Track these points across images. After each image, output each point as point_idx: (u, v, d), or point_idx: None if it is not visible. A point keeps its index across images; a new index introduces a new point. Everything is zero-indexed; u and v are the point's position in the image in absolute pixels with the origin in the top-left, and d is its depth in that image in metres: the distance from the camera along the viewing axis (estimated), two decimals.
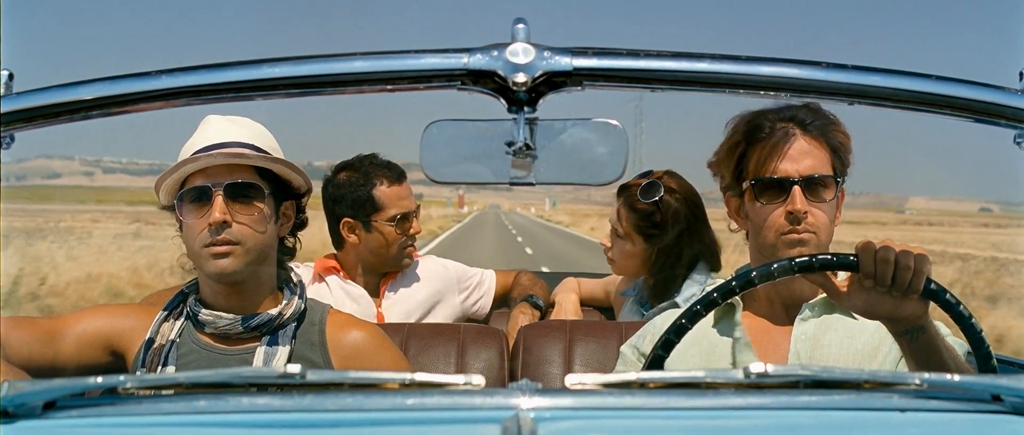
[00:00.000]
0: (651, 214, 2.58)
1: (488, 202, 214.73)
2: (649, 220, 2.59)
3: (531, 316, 2.75)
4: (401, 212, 2.68)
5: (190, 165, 1.72)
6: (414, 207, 2.75)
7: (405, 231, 2.71)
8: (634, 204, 2.60)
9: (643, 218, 2.59)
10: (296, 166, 1.80)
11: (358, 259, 2.75)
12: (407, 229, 2.71)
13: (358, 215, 2.68)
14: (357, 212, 2.68)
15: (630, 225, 2.62)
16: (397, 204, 2.69)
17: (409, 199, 2.73)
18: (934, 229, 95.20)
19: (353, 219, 2.69)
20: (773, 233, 1.69)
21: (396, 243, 2.71)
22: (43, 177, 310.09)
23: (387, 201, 2.68)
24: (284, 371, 1.01)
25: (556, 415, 0.99)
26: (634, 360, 1.88)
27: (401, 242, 2.71)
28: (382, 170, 2.70)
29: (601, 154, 1.13)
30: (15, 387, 1.00)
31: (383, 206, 2.67)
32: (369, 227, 2.68)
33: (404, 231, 2.71)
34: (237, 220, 1.70)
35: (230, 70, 1.07)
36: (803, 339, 1.71)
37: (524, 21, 1.06)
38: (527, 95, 1.04)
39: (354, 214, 2.68)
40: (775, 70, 1.06)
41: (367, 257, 2.73)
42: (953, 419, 1.04)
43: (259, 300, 1.78)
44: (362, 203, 2.67)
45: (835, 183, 1.71)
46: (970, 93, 1.10)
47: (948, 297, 1.40)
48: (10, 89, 1.13)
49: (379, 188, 2.67)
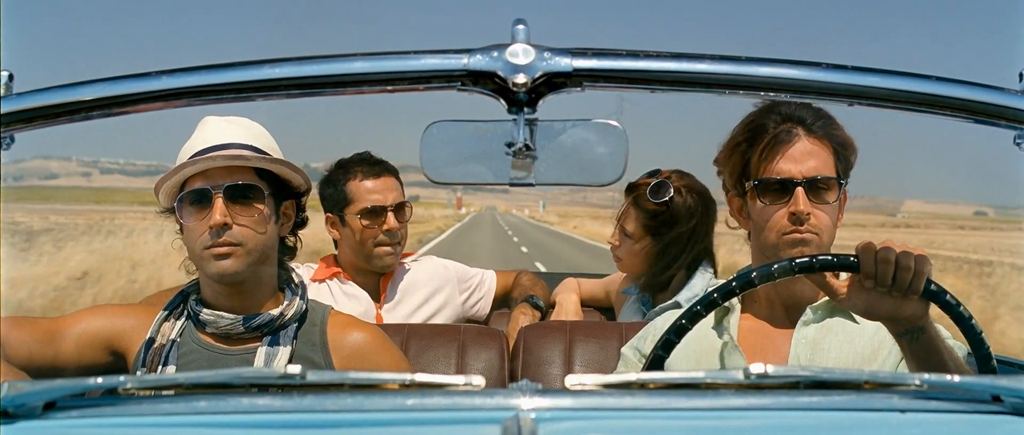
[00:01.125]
0: (660, 213, 2.58)
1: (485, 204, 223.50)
2: (658, 219, 2.58)
3: (531, 316, 2.75)
4: (370, 205, 2.61)
5: (189, 168, 1.72)
6: (391, 203, 2.64)
7: (376, 225, 2.62)
8: (643, 203, 2.60)
9: (652, 217, 2.59)
10: (295, 165, 1.80)
11: (346, 258, 2.74)
12: (379, 223, 2.62)
13: (335, 210, 2.68)
14: (334, 207, 2.68)
15: (639, 224, 2.62)
16: (367, 197, 2.63)
17: (384, 193, 2.64)
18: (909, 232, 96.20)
19: (333, 214, 2.69)
20: (775, 234, 1.68)
21: (368, 239, 2.64)
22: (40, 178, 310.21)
23: (357, 194, 2.64)
24: (284, 371, 1.01)
25: (556, 415, 0.99)
26: (635, 361, 1.88)
27: (373, 238, 2.64)
28: (361, 165, 2.67)
29: (601, 155, 1.13)
30: (15, 387, 1.00)
31: (353, 200, 2.64)
32: (344, 222, 2.67)
33: (374, 225, 2.62)
34: (237, 221, 1.70)
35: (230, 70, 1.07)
36: (803, 343, 1.70)
37: (524, 22, 1.06)
38: (527, 96, 1.04)
39: (333, 209, 2.69)
40: (775, 71, 1.06)
41: (349, 255, 2.72)
42: (953, 419, 1.04)
43: (260, 300, 1.78)
44: (338, 198, 2.66)
45: (838, 185, 1.70)
46: (970, 94, 1.10)
47: (948, 298, 1.41)
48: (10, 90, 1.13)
49: (352, 182, 2.65)
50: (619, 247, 2.71)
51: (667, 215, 2.57)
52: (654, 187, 2.57)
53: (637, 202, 2.62)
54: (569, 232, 58.46)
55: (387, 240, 2.65)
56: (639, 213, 2.61)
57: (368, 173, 2.66)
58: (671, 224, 2.58)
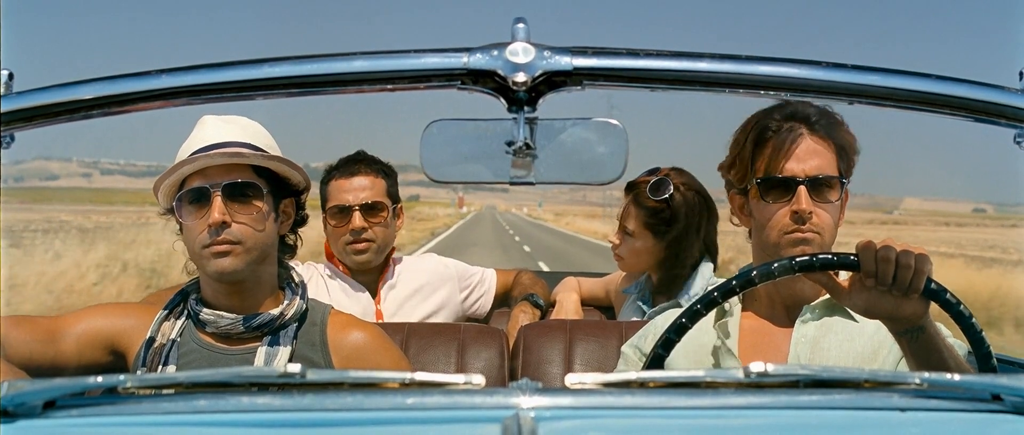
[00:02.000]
0: (660, 211, 2.58)
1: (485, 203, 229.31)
2: (658, 217, 2.59)
3: (531, 315, 2.75)
4: (337, 204, 2.64)
5: (188, 166, 1.72)
6: (358, 202, 2.63)
7: (343, 224, 2.64)
8: (643, 201, 2.60)
9: (652, 215, 2.59)
10: (294, 163, 1.80)
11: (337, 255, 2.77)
12: (344, 223, 2.63)
13: (322, 208, 2.72)
14: (322, 205, 2.72)
15: (639, 222, 2.62)
16: (337, 196, 2.66)
17: (354, 193, 2.64)
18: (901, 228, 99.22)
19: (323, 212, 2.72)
20: (777, 232, 1.68)
21: (338, 238, 2.66)
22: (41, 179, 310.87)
23: (330, 193, 2.69)
24: (284, 371, 1.01)
25: (556, 415, 0.99)
26: (635, 360, 1.88)
27: (342, 237, 2.65)
28: (343, 164, 2.71)
29: (601, 154, 1.13)
30: (15, 387, 1.00)
31: (327, 198, 2.69)
32: (324, 220, 2.73)
33: (341, 223, 2.64)
34: (237, 220, 1.70)
35: (230, 70, 1.07)
36: (803, 342, 1.70)
37: (524, 21, 1.06)
38: (527, 95, 1.04)
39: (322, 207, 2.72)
40: (775, 70, 1.06)
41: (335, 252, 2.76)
42: (953, 419, 1.04)
43: (260, 299, 1.78)
44: (321, 196, 2.71)
45: (840, 184, 1.70)
46: (970, 93, 1.10)
47: (948, 297, 1.40)
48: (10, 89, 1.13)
49: (332, 181, 2.70)
50: (620, 246, 2.71)
51: (668, 213, 2.58)
52: (654, 185, 2.58)
53: (638, 200, 2.62)
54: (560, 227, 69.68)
55: (351, 239, 2.65)
56: (640, 211, 2.62)
57: (343, 172, 2.69)
58: (672, 222, 2.58)
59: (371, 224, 2.65)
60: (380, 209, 2.67)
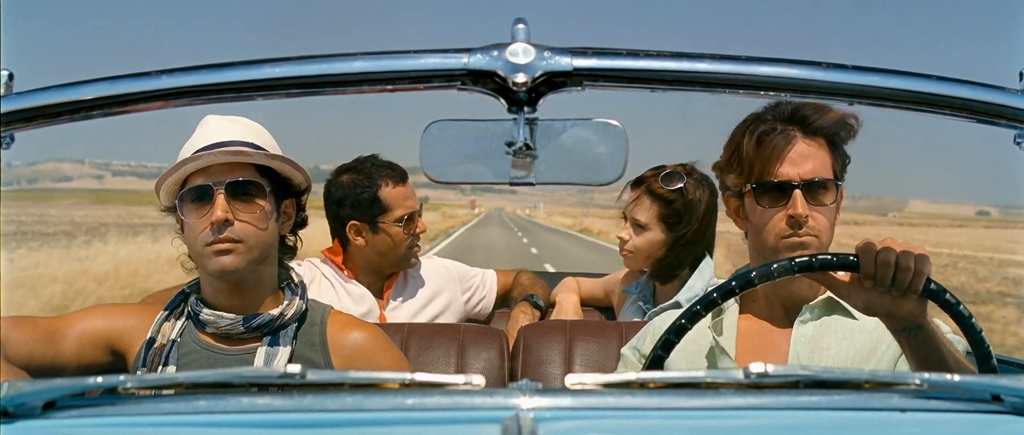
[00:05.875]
0: (673, 202, 2.56)
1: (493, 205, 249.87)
2: (672, 208, 2.57)
3: (531, 316, 2.75)
4: (407, 212, 2.70)
5: (190, 164, 1.72)
6: (418, 207, 2.76)
7: (411, 231, 2.73)
8: (657, 191, 2.57)
9: (666, 205, 2.57)
10: (296, 163, 1.80)
11: (364, 261, 2.75)
12: (413, 229, 2.73)
13: (364, 217, 2.68)
14: (363, 214, 2.68)
15: (652, 215, 2.59)
16: (403, 204, 2.70)
17: (413, 199, 2.74)
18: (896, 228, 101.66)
19: (359, 221, 2.68)
20: (774, 236, 1.68)
21: (403, 243, 2.72)
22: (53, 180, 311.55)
23: (393, 202, 2.68)
24: (284, 371, 1.01)
25: (556, 415, 0.99)
26: (635, 362, 1.88)
27: (408, 242, 2.73)
28: (385, 171, 2.71)
29: (601, 154, 1.13)
30: (15, 387, 1.00)
31: (390, 207, 2.68)
32: (376, 229, 2.69)
33: (410, 231, 2.72)
34: (239, 218, 1.70)
35: (230, 70, 1.07)
36: (803, 342, 1.70)
37: (524, 21, 1.06)
38: (527, 95, 1.04)
39: (360, 216, 2.68)
40: (775, 70, 1.06)
41: (374, 258, 2.73)
42: (953, 419, 1.04)
43: (260, 299, 1.78)
44: (368, 205, 2.67)
45: (835, 186, 1.70)
46: (970, 93, 1.10)
47: (948, 297, 1.41)
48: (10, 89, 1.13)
49: (384, 189, 2.68)
50: (629, 241, 2.67)
51: (682, 204, 2.56)
52: (666, 175, 2.56)
53: (651, 191, 2.59)
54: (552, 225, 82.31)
55: (416, 241, 2.77)
56: (653, 203, 2.58)
57: (395, 179, 2.71)
58: (687, 215, 2.56)
59: None
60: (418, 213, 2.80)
